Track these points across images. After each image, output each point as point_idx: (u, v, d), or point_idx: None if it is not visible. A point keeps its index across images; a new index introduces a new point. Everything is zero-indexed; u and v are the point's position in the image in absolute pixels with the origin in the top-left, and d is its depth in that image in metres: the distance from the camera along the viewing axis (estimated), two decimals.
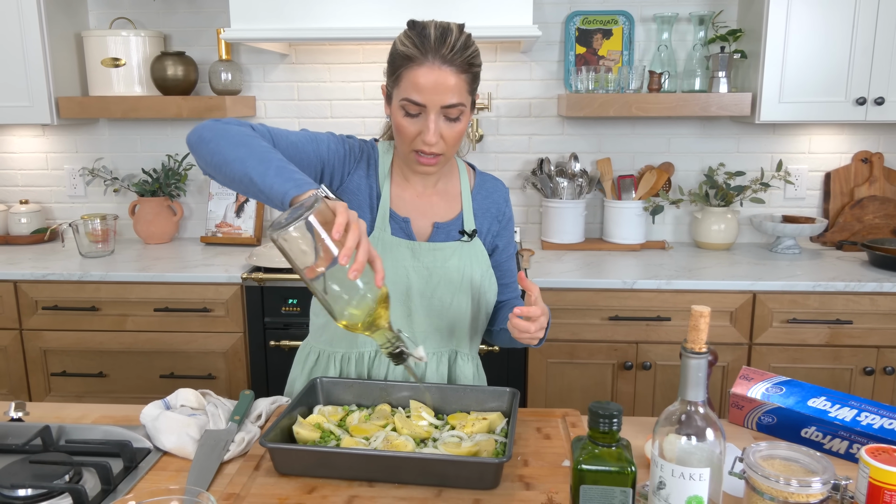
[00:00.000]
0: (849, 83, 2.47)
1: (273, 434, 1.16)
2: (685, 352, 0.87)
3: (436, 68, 1.30)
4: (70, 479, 1.13)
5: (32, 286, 2.49)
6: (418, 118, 1.34)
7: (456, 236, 1.49)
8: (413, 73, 1.31)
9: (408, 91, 1.32)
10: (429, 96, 1.31)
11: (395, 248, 1.44)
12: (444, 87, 1.30)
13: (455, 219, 1.50)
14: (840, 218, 2.80)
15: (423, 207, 1.49)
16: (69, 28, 2.79)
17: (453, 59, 1.31)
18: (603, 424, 0.86)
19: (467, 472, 1.08)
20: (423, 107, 1.32)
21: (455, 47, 1.32)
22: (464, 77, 1.33)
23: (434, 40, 1.31)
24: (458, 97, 1.32)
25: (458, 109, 1.33)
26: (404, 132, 1.36)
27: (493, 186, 1.56)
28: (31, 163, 3.06)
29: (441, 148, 1.36)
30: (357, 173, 1.46)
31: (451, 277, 1.46)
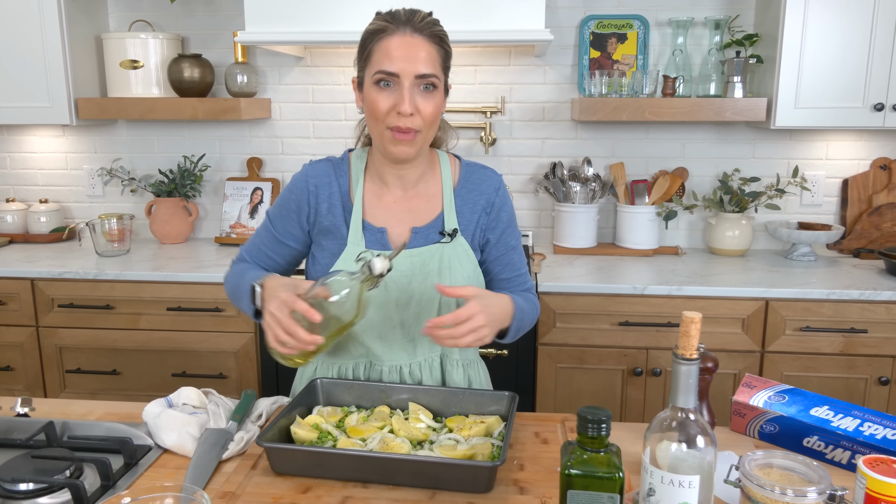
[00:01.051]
0: (866, 89, 2.44)
1: (271, 434, 1.16)
2: (676, 358, 0.87)
3: (407, 36, 1.31)
4: (71, 474, 1.14)
5: (49, 284, 2.53)
6: (392, 90, 1.32)
7: (435, 238, 1.44)
8: (384, 44, 1.31)
9: (380, 62, 1.31)
10: (402, 64, 1.30)
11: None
12: (417, 56, 1.30)
13: (435, 220, 1.45)
14: (857, 225, 2.77)
15: (400, 213, 1.45)
16: (89, 30, 2.84)
17: (423, 28, 1.33)
18: (591, 430, 0.86)
19: (461, 475, 1.08)
20: (396, 77, 1.30)
21: (425, 19, 1.34)
22: (435, 49, 1.33)
23: (403, 14, 1.34)
24: (432, 68, 1.32)
25: (433, 80, 1.32)
26: (378, 107, 1.33)
27: (480, 177, 1.49)
28: (51, 163, 3.11)
29: (417, 123, 1.32)
30: (321, 205, 1.45)
31: (431, 281, 1.42)
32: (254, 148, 3.02)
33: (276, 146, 3.01)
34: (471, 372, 1.52)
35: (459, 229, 1.46)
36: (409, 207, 1.46)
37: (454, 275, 1.43)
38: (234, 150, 3.04)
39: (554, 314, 2.37)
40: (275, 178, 3.00)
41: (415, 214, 1.46)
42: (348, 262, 1.41)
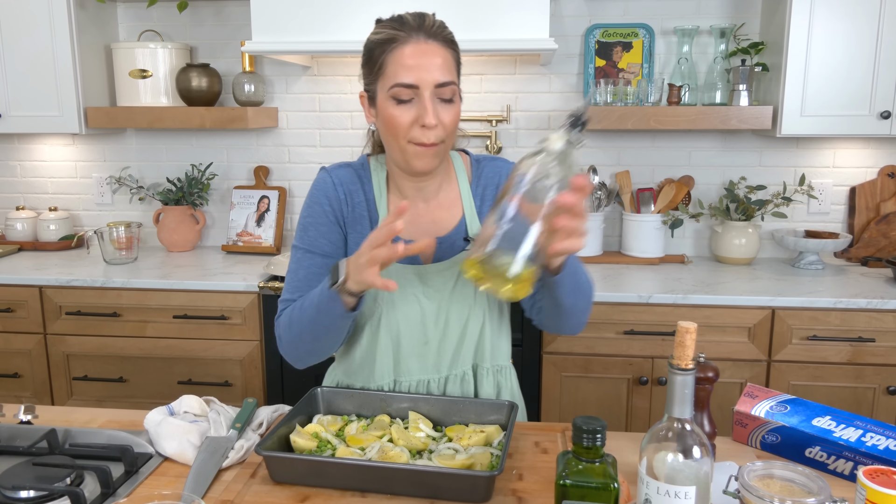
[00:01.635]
0: (873, 96, 2.43)
1: (270, 442, 1.17)
2: (671, 368, 0.86)
3: (421, 43, 1.24)
4: (71, 482, 1.15)
5: (57, 292, 2.55)
6: (411, 104, 1.25)
7: (461, 245, 1.39)
8: (398, 54, 1.24)
9: (396, 74, 1.24)
10: (420, 74, 1.23)
11: (401, 275, 1.36)
12: (434, 63, 1.24)
13: (458, 226, 1.40)
14: (865, 233, 2.75)
15: (424, 225, 1.40)
16: (99, 40, 2.86)
17: (437, 33, 1.26)
18: (586, 440, 0.86)
19: (459, 485, 1.08)
20: (415, 88, 1.23)
21: (435, 24, 1.28)
22: (450, 54, 1.27)
23: (412, 19, 1.27)
24: (450, 74, 1.26)
25: (451, 89, 1.26)
26: (398, 124, 1.25)
27: (491, 169, 1.43)
28: (61, 171, 3.14)
29: (440, 134, 1.26)
30: (354, 210, 1.38)
31: (464, 294, 1.37)
32: (261, 156, 3.04)
33: (283, 155, 3.03)
34: (500, 378, 1.46)
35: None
36: (433, 219, 1.40)
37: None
38: (241, 158, 3.05)
39: None
40: (282, 186, 3.01)
41: (437, 224, 1.40)
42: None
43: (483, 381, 1.44)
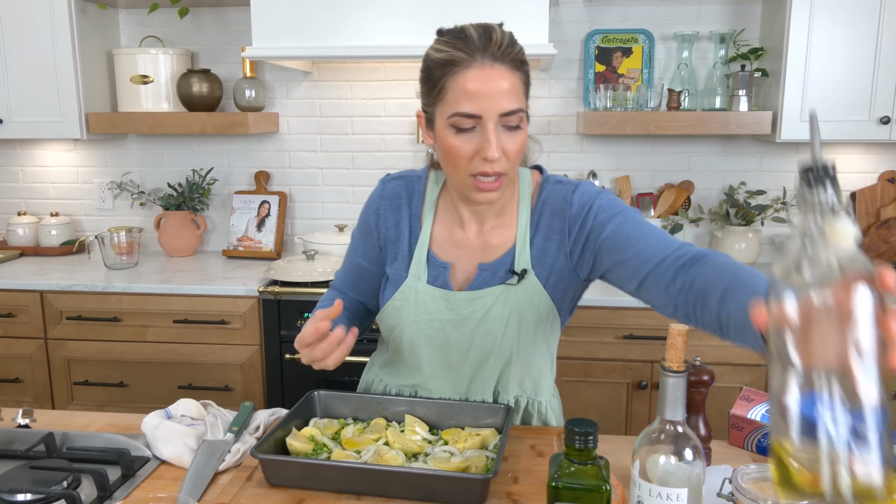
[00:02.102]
0: (872, 102, 2.43)
1: (266, 445, 1.17)
2: (663, 371, 0.87)
3: (487, 68, 1.12)
4: (68, 485, 1.15)
5: (58, 297, 2.55)
6: (473, 133, 1.15)
7: (502, 278, 1.29)
8: (460, 80, 1.13)
9: (458, 102, 1.13)
10: (484, 103, 1.12)
11: (429, 298, 1.31)
12: (500, 90, 1.12)
13: (505, 255, 1.29)
14: (865, 238, 2.75)
15: (471, 249, 1.32)
16: (101, 46, 2.88)
17: (505, 55, 1.14)
18: (578, 441, 0.86)
19: (454, 488, 1.08)
20: (477, 118, 1.13)
21: (504, 43, 1.15)
22: (518, 76, 1.16)
23: (478, 38, 1.14)
24: (517, 101, 1.14)
25: (518, 116, 1.15)
26: (458, 154, 1.16)
27: (552, 196, 1.29)
28: (62, 176, 3.15)
29: (504, 166, 1.16)
30: (389, 231, 1.36)
31: (493, 328, 1.29)
32: (261, 161, 3.05)
33: (284, 160, 3.04)
34: (531, 408, 1.41)
35: (533, 263, 1.29)
36: (483, 243, 1.32)
37: (519, 320, 1.29)
38: (241, 163, 3.06)
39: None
40: (282, 191, 3.02)
41: (486, 249, 1.31)
42: (405, 295, 1.32)
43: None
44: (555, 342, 1.43)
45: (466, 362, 1.35)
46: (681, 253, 1.14)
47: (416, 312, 1.32)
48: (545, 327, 1.33)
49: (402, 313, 1.34)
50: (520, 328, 1.30)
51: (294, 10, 2.41)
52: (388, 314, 1.36)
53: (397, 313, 1.34)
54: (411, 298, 1.32)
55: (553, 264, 1.28)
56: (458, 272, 1.33)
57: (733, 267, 1.04)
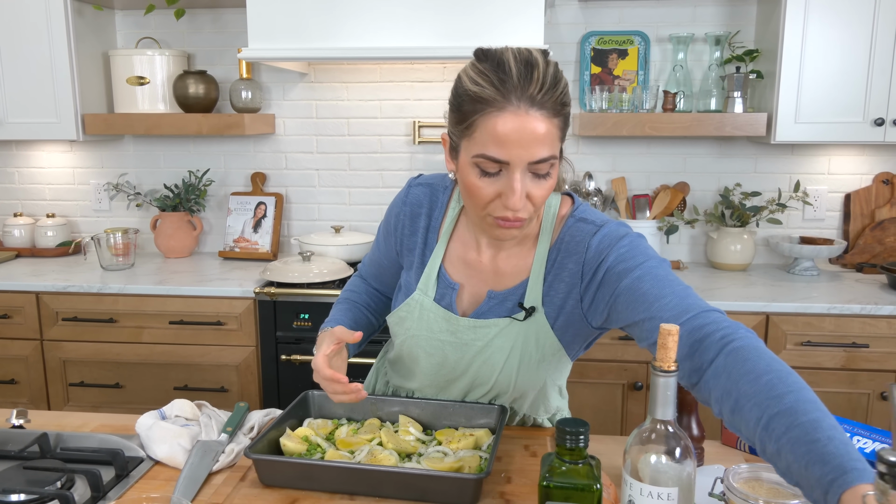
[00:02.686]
0: (867, 104, 2.44)
1: (260, 446, 1.17)
2: (654, 370, 0.87)
3: (522, 114, 1.03)
4: (62, 485, 1.15)
5: (54, 298, 2.55)
6: (498, 177, 1.08)
7: (510, 309, 1.24)
8: (492, 122, 1.04)
9: (485, 145, 1.06)
10: (514, 151, 1.04)
11: (432, 316, 1.29)
12: (533, 138, 1.04)
13: (517, 286, 1.25)
14: (860, 240, 2.76)
15: (484, 273, 1.28)
16: (97, 47, 2.88)
17: (544, 100, 1.04)
18: (570, 441, 0.86)
19: (446, 488, 1.08)
20: (505, 164, 1.06)
21: (545, 84, 1.05)
22: (556, 122, 1.07)
23: (518, 76, 1.04)
24: (550, 149, 1.06)
25: (549, 164, 1.07)
26: (479, 195, 1.10)
27: (577, 234, 1.20)
28: (59, 178, 3.15)
29: (528, 211, 1.10)
30: (405, 238, 1.34)
31: (493, 359, 1.26)
32: (258, 163, 3.05)
33: (280, 161, 3.04)
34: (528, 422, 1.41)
35: (543, 302, 1.23)
36: (496, 270, 1.27)
37: (525, 357, 1.25)
38: (238, 165, 3.07)
39: None
40: (278, 192, 3.02)
41: (498, 276, 1.27)
42: (411, 308, 1.31)
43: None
44: (563, 376, 1.40)
45: (462, 383, 1.34)
46: (697, 324, 1.02)
47: (419, 327, 1.31)
48: (549, 365, 1.28)
49: (404, 324, 1.33)
50: (520, 364, 1.25)
51: (290, 12, 2.41)
52: (394, 321, 1.37)
53: (401, 323, 1.34)
54: (415, 313, 1.31)
55: (562, 306, 1.22)
56: (467, 295, 1.29)
57: (768, 376, 0.91)
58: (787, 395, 0.87)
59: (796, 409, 0.85)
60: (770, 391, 0.88)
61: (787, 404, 0.86)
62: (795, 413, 0.84)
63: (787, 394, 0.87)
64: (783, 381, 0.89)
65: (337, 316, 1.42)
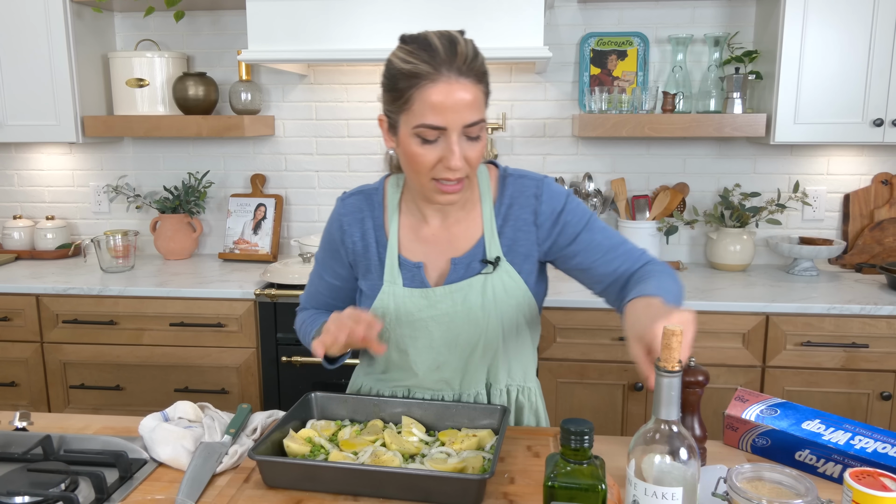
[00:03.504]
0: (865, 104, 2.44)
1: (263, 447, 1.17)
2: (658, 370, 0.87)
3: (453, 82, 1.16)
4: (66, 487, 1.15)
5: (54, 300, 2.55)
6: (436, 143, 1.20)
7: (477, 268, 1.34)
8: (427, 93, 1.17)
9: (423, 115, 1.18)
10: (449, 116, 1.17)
11: (409, 300, 1.35)
12: (464, 104, 1.17)
13: (475, 247, 1.34)
14: (859, 240, 2.76)
15: (439, 246, 1.36)
16: (96, 49, 2.88)
17: (469, 69, 1.18)
18: (574, 441, 0.86)
19: (450, 488, 1.09)
20: (442, 130, 1.18)
21: (468, 56, 1.19)
22: (480, 88, 1.21)
23: (444, 52, 1.18)
24: (479, 113, 1.20)
25: (479, 127, 1.21)
26: (421, 162, 1.21)
27: (517, 188, 1.35)
28: (58, 180, 3.15)
29: (465, 172, 1.22)
30: (356, 244, 1.39)
31: (475, 317, 1.33)
32: (257, 164, 3.05)
33: (280, 163, 3.04)
34: (521, 397, 1.45)
35: (504, 252, 1.34)
36: (449, 237, 1.36)
37: (500, 307, 1.34)
38: (238, 166, 3.07)
39: (554, 329, 2.37)
40: (278, 194, 3.02)
41: (454, 243, 1.36)
42: (384, 302, 1.36)
43: (497, 400, 1.44)
44: (537, 332, 1.49)
45: (455, 357, 1.38)
46: (626, 252, 1.34)
47: (398, 316, 1.36)
48: (525, 314, 1.39)
49: (385, 320, 1.36)
50: (502, 315, 1.34)
51: (290, 14, 2.42)
52: (343, 357, 1.41)
53: (380, 315, 1.37)
54: (391, 304, 1.35)
55: (527, 254, 1.36)
56: (432, 269, 1.37)
57: (657, 271, 1.29)
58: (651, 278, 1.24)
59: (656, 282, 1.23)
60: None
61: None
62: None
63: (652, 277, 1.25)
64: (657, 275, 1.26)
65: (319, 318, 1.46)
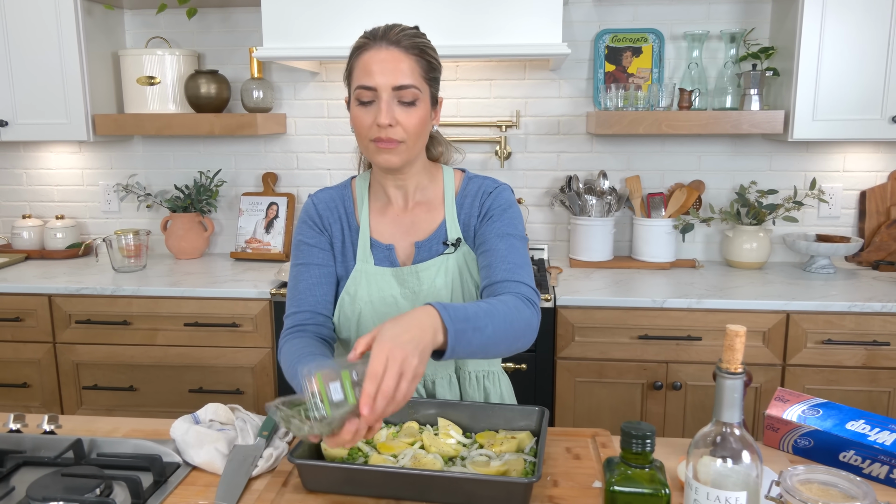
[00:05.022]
0: (884, 101, 2.43)
1: (301, 450, 1.15)
2: (720, 372, 0.85)
3: (383, 49, 1.31)
4: (101, 492, 1.13)
5: (66, 300, 2.53)
6: (372, 106, 1.32)
7: (439, 250, 1.43)
8: (363, 60, 1.32)
9: (359, 77, 1.32)
10: (378, 77, 1.29)
11: (380, 277, 1.42)
12: (394, 68, 1.30)
13: (437, 230, 1.44)
14: (876, 237, 2.75)
15: (404, 227, 1.45)
16: (107, 47, 2.85)
17: (401, 40, 1.32)
18: (636, 445, 0.85)
19: (495, 492, 1.07)
20: (374, 91, 1.30)
21: (404, 31, 1.33)
22: (414, 59, 1.32)
23: (383, 30, 1.34)
24: (411, 79, 1.31)
25: (412, 93, 1.31)
26: (360, 124, 1.33)
27: (477, 185, 1.46)
28: (67, 179, 3.12)
29: (399, 134, 1.31)
30: (333, 232, 1.46)
31: (441, 296, 1.40)
32: (269, 163, 3.03)
33: (292, 161, 3.02)
34: (488, 384, 1.48)
35: (464, 237, 1.44)
36: (412, 219, 1.45)
37: (465, 285, 1.42)
38: (249, 165, 3.04)
39: (573, 328, 2.36)
40: (290, 192, 3.00)
41: (417, 226, 1.45)
42: (357, 280, 1.41)
43: (467, 386, 1.47)
44: None
45: None
46: (507, 271, 1.32)
47: (370, 292, 1.41)
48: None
49: (356, 296, 1.42)
50: (464, 295, 1.42)
51: (305, 10, 2.39)
52: (345, 303, 1.42)
53: (352, 299, 1.42)
54: (363, 281, 1.42)
55: (473, 242, 1.43)
56: (401, 251, 1.44)
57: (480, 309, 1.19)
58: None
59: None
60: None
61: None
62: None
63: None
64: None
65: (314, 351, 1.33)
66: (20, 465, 1.24)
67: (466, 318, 1.12)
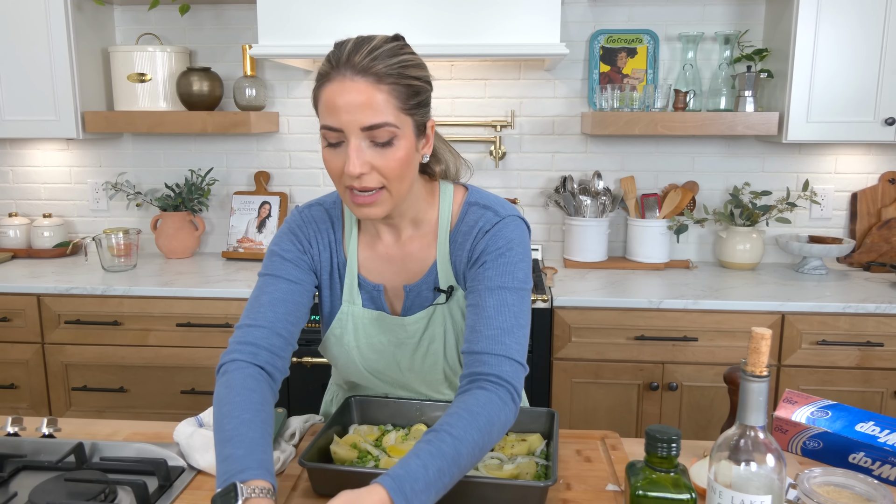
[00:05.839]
0: (877, 103, 2.45)
1: (311, 454, 1.14)
2: (745, 375, 0.85)
3: (347, 81, 1.07)
4: (105, 497, 1.11)
5: (55, 300, 2.48)
6: (341, 147, 1.10)
7: (429, 298, 1.27)
8: (325, 93, 1.10)
9: (323, 116, 1.10)
10: (343, 117, 1.07)
11: (367, 322, 1.30)
12: (359, 103, 1.06)
13: (427, 274, 1.27)
14: (867, 239, 2.77)
15: (396, 266, 1.29)
16: (96, 43, 2.81)
17: (367, 67, 1.07)
18: (661, 449, 0.84)
19: (510, 496, 1.06)
20: (340, 132, 1.09)
21: (374, 54, 1.08)
22: (388, 89, 1.08)
23: (348, 51, 1.09)
24: (382, 115, 1.07)
25: (387, 131, 1.08)
26: (330, 168, 1.12)
27: (475, 219, 1.24)
28: (55, 177, 3.08)
29: (376, 181, 1.11)
30: (321, 255, 1.29)
31: (433, 349, 1.29)
32: (261, 162, 3.00)
33: (284, 160, 2.99)
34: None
35: (459, 281, 1.26)
36: (404, 255, 1.28)
37: (458, 336, 1.28)
38: (241, 163, 3.01)
39: (569, 328, 2.35)
40: (282, 191, 2.97)
41: (408, 266, 1.28)
42: (343, 322, 1.30)
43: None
44: None
45: (417, 377, 1.35)
46: (493, 339, 1.13)
47: (357, 337, 1.31)
48: None
49: (343, 340, 1.32)
50: (458, 345, 1.28)
51: (300, 8, 2.37)
52: (331, 343, 1.34)
53: (338, 342, 1.33)
54: (349, 324, 1.31)
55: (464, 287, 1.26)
56: (391, 292, 1.31)
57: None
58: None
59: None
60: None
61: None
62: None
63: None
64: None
65: (255, 449, 1.03)
66: (20, 470, 1.21)
67: (427, 487, 0.95)
